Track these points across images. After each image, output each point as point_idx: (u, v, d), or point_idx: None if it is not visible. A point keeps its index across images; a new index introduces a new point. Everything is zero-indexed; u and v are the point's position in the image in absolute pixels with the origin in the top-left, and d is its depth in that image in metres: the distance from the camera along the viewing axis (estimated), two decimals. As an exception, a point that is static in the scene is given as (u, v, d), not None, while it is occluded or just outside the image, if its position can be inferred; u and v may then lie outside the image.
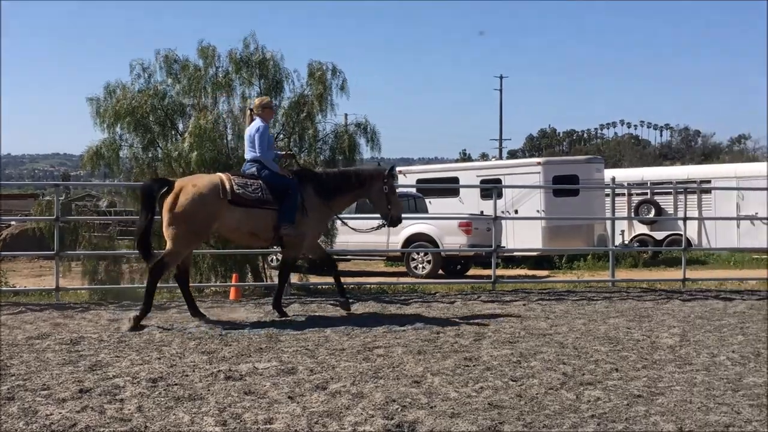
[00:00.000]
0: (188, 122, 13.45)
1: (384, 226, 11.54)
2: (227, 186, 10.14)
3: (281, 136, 14.06)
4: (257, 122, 10.61)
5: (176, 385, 6.74)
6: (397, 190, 11.48)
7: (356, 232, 12.33)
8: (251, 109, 10.85)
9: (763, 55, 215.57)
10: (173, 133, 13.80)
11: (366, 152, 15.05)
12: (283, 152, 11.58)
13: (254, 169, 10.51)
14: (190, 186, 10.13)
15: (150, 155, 13.84)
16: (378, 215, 11.34)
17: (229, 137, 13.86)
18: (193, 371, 7.29)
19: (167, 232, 10.07)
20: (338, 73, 14.05)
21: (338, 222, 16.97)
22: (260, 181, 10.38)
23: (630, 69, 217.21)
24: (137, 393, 6.46)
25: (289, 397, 6.35)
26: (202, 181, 10.30)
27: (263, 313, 11.06)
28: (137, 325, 9.71)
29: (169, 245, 10.09)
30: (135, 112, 13.36)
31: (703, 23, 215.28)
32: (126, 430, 5.47)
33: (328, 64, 14.08)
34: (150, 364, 7.57)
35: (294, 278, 13.89)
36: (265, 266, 14.59)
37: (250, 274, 14.01)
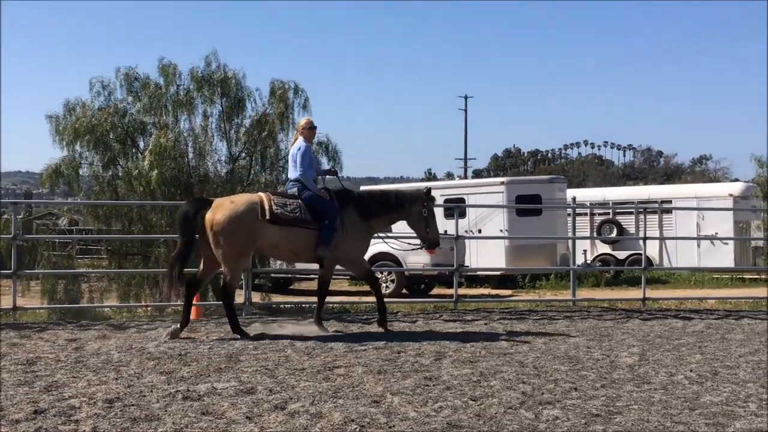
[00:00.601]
0: (149, 140, 13.39)
1: (421, 248, 11.91)
2: (266, 205, 10.44)
3: (243, 154, 14.05)
4: (299, 142, 10.89)
5: (133, 405, 6.66)
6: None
7: None
8: (296, 130, 11.20)
9: (727, 76, 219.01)
10: (134, 151, 13.74)
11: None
12: (326, 170, 11.77)
13: (296, 189, 10.77)
14: (228, 203, 10.50)
15: (110, 173, 13.77)
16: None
17: (191, 155, 13.83)
18: (151, 392, 7.20)
19: (216, 253, 10.46)
20: (300, 92, 14.11)
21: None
22: (300, 201, 10.66)
23: (594, 89, 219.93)
24: (93, 414, 6.37)
25: (247, 417, 6.29)
26: (240, 199, 10.69)
27: (224, 332, 10.98)
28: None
29: (223, 267, 10.61)
30: (95, 130, 13.28)
31: (666, 45, 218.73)
32: (80, 452, 5.39)
33: (290, 82, 14.15)
34: (107, 385, 7.46)
35: (256, 297, 13.81)
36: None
37: (211, 293, 13.91)
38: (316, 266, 17.67)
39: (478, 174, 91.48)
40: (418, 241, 11.74)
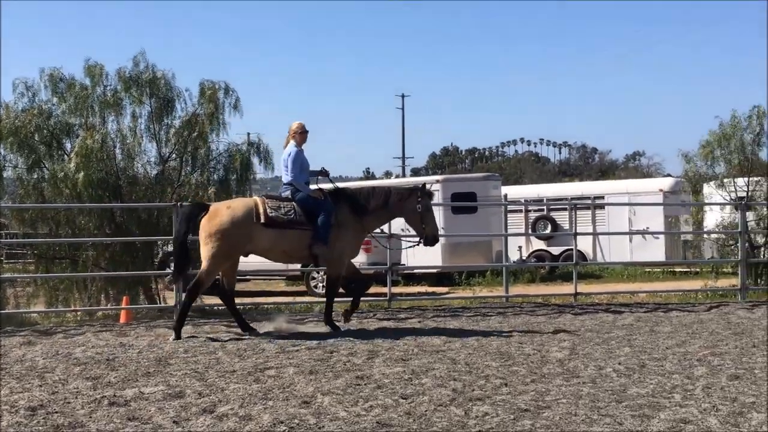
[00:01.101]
0: (75, 142, 13.12)
1: (419, 245, 11.72)
2: (260, 209, 10.64)
3: (173, 155, 13.85)
4: (290, 146, 11.03)
5: (57, 412, 6.51)
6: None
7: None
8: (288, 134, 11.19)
9: (658, 73, 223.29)
10: (60, 153, 13.44)
11: (260, 171, 14.99)
12: (317, 171, 11.52)
13: (289, 192, 10.95)
14: (224, 208, 10.76)
15: (36, 176, 13.44)
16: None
17: (119, 157, 13.57)
18: (76, 398, 7.05)
19: (203, 252, 10.69)
20: (231, 92, 13.97)
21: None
22: (294, 204, 10.80)
23: (529, 87, 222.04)
24: (14, 422, 6.21)
25: (174, 422, 6.21)
26: (236, 203, 10.94)
27: (154, 336, 10.82)
28: (180, 336, 10.52)
29: (204, 264, 10.70)
30: (18, 132, 12.97)
31: (600, 44, 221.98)
32: (-1, 462, 5.24)
33: (220, 83, 13.99)
34: (30, 392, 7.29)
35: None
36: (158, 288, 14.26)
37: (143, 296, 13.69)
38: (249, 267, 17.75)
39: (416, 172, 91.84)
40: (416, 238, 11.65)
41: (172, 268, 11.24)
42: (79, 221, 13.39)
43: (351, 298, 11.73)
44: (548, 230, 26.56)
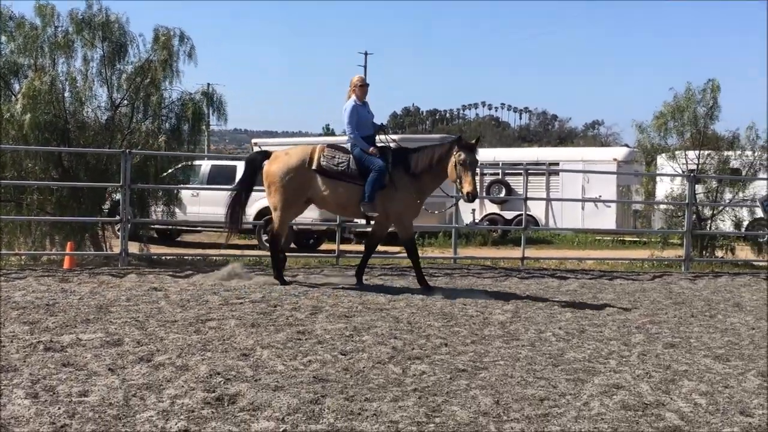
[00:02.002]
0: (23, 83, 12.81)
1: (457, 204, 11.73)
2: (315, 156, 10.82)
3: (125, 102, 13.60)
4: (349, 101, 10.96)
5: (-10, 356, 6.42)
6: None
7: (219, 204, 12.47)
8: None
9: (616, 45, 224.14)
10: (7, 93, 13.12)
11: (216, 123, 14.81)
12: (378, 126, 11.32)
13: (349, 145, 11.04)
14: (282, 155, 11.06)
15: (-19, 117, 13.12)
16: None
17: (68, 101, 13.29)
18: (11, 342, 6.97)
19: (269, 201, 11.18)
20: (186, 40, 13.72)
21: (189, 193, 16.73)
22: (350, 156, 10.86)
23: (492, 51, 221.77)
24: (-56, 366, 6.12)
25: (109, 369, 6.16)
26: (294, 150, 11.15)
27: (97, 282, 10.72)
28: (284, 281, 11.03)
29: (273, 214, 11.13)
30: (-37, 70, 12.63)
31: (564, 14, 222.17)
32: (-74, 404, 5.16)
33: (175, 29, 13.71)
34: (-36, 335, 7.18)
35: (133, 248, 13.48)
36: (104, 235, 14.09)
37: (89, 242, 13.51)
38: (197, 219, 17.63)
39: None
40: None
41: (227, 217, 11.45)
42: (25, 164, 13.12)
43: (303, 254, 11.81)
44: (502, 194, 26.68)
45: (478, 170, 25.09)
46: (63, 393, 5.48)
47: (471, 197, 10.66)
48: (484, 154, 30.53)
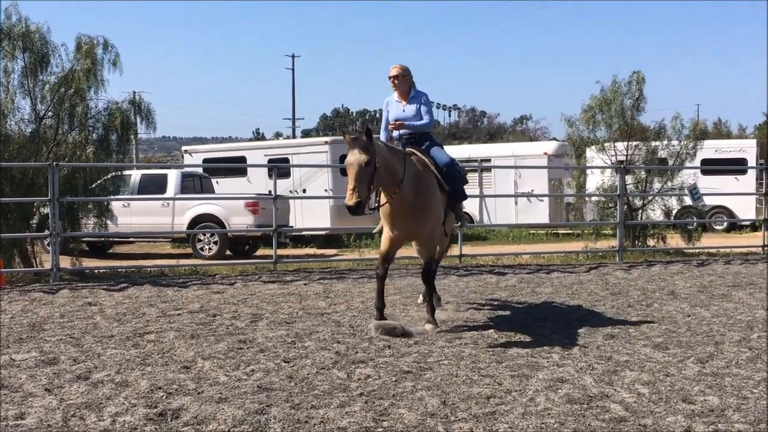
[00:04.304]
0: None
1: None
2: None
3: (49, 113, 13.27)
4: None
5: None
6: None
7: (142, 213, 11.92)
8: None
9: (545, 36, 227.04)
10: (-74, 108, 12.71)
11: (143, 131, 14.56)
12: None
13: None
14: None
15: None
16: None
17: (-9, 113, 12.92)
18: (-60, 366, 6.73)
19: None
20: (110, 48, 13.44)
21: (119, 203, 16.42)
22: None
23: (419, 49, 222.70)
24: None
25: (46, 390, 5.99)
26: None
27: (28, 300, 10.43)
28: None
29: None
30: None
31: (490, 7, 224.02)
32: None
33: (98, 38, 13.43)
34: None
35: (65, 263, 13.16)
36: (34, 251, 13.72)
37: (18, 259, 13.15)
38: (135, 228, 17.35)
39: (307, 134, 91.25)
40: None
41: None
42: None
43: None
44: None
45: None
46: (-2, 417, 5.31)
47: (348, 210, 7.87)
48: (417, 153, 30.73)
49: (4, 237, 12.63)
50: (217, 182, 22.88)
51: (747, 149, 27.65)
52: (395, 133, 9.06)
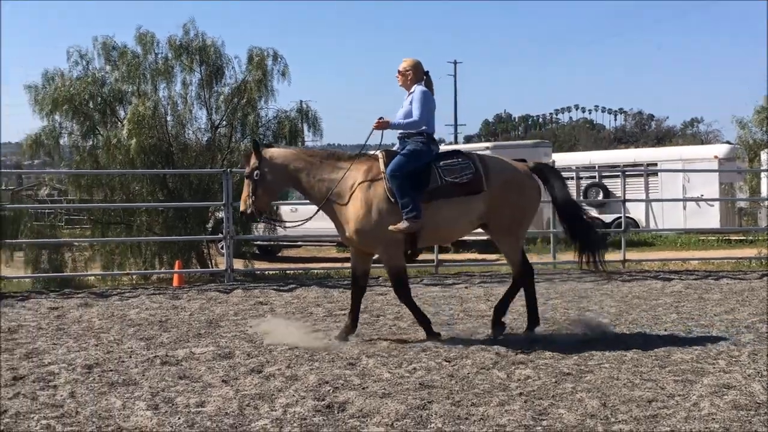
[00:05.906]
0: (128, 109, 13.39)
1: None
2: None
3: (223, 122, 14.05)
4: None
5: (111, 371, 6.75)
6: None
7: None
8: None
9: (713, 39, 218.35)
10: (113, 120, 13.73)
11: (309, 137, 15.15)
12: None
13: None
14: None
15: (90, 143, 13.76)
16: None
17: (170, 124, 13.81)
18: (130, 357, 7.29)
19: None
20: (279, 59, 14.11)
21: (288, 208, 17.08)
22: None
23: (584, 53, 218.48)
24: (71, 379, 6.45)
25: (223, 381, 6.39)
26: None
27: (205, 299, 11.06)
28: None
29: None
30: (73, 100, 13.29)
31: (656, 11, 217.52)
32: (57, 416, 5.47)
33: (268, 50, 14.13)
34: (87, 351, 7.55)
35: (238, 264, 13.85)
36: (209, 253, 14.52)
37: (195, 260, 13.97)
38: (302, 233, 17.99)
39: (469, 140, 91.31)
40: None
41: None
42: (132, 187, 13.69)
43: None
44: (600, 197, 26.34)
45: (572, 174, 25.08)
46: (181, 404, 5.73)
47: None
48: (579, 158, 30.30)
49: (183, 240, 13.43)
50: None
51: None
52: (396, 133, 8.44)
